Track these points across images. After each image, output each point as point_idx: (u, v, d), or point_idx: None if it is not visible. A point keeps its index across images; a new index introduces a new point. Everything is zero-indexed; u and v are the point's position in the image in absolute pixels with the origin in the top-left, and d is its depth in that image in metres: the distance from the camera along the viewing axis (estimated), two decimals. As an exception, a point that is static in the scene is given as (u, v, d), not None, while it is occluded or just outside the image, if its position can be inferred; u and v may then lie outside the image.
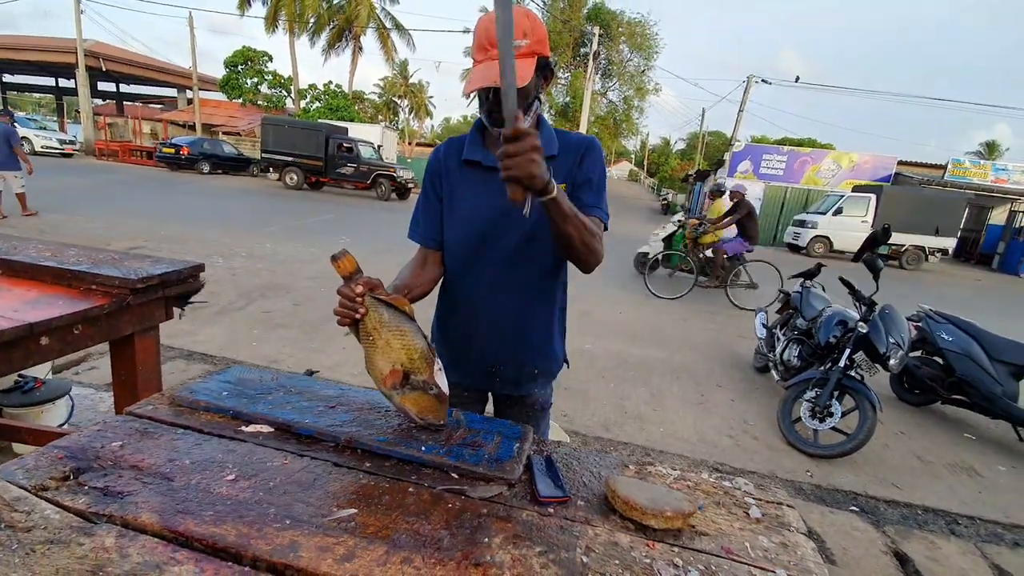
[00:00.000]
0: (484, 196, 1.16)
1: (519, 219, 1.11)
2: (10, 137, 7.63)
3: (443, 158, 1.22)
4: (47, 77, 30.36)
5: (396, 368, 0.93)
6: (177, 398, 1.02)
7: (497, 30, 0.82)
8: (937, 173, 18.34)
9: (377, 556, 0.65)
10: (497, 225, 1.17)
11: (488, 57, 1.02)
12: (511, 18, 0.81)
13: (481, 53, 1.04)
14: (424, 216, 1.26)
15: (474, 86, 1.02)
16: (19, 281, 1.47)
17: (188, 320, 4.12)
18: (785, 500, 0.88)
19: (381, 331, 0.94)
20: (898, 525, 2.56)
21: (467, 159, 1.18)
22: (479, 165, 1.17)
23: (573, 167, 1.18)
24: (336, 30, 27.60)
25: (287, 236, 8.40)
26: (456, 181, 1.20)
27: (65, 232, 6.95)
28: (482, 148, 1.18)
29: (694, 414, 3.54)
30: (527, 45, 1.03)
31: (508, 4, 0.82)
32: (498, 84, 0.91)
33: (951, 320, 3.76)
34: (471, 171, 1.19)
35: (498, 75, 0.86)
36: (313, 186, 17.69)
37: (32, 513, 0.68)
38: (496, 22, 0.82)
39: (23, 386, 2.15)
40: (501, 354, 1.26)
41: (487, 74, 0.99)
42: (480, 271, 1.22)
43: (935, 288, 11.27)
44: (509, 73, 0.82)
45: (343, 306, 0.94)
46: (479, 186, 1.17)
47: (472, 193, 1.19)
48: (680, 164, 43.02)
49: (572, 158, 1.18)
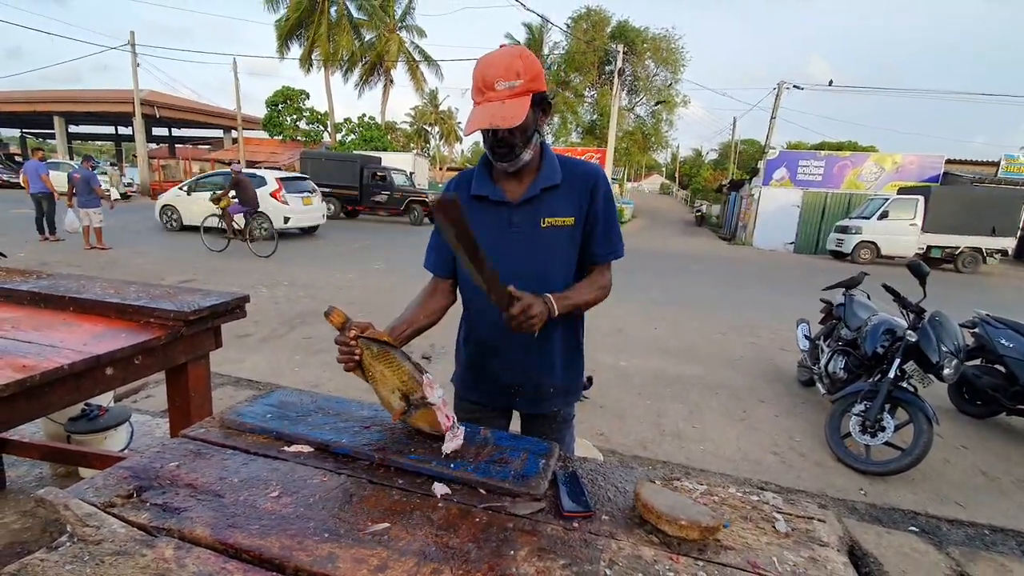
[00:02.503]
0: (494, 229, 1.21)
1: (529, 252, 1.21)
2: (91, 180, 8.99)
3: (454, 192, 1.26)
4: (107, 126, 32.89)
5: (396, 393, 1.05)
6: (226, 421, 1.09)
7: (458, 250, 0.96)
8: (989, 171, 17.37)
9: (408, 567, 0.69)
10: (507, 255, 1.19)
11: (486, 99, 1.08)
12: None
13: (479, 95, 1.09)
14: (436, 248, 1.32)
15: (474, 127, 1.08)
16: (87, 317, 1.61)
17: (235, 349, 4.34)
18: (816, 515, 0.87)
19: (376, 364, 1.06)
20: (963, 546, 2.40)
21: (475, 195, 1.23)
22: (487, 200, 1.22)
23: (583, 202, 1.21)
24: (368, 65, 28.84)
25: (326, 264, 8.72)
26: (467, 215, 1.24)
27: (124, 267, 7.44)
28: (489, 182, 1.23)
29: (736, 431, 3.43)
30: (521, 85, 1.07)
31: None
32: (497, 126, 1.06)
33: (1011, 325, 3.54)
34: (480, 205, 1.23)
35: (498, 116, 1.03)
36: (349, 215, 18.31)
37: (101, 528, 0.75)
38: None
39: (89, 414, 2.31)
40: (520, 376, 1.31)
41: (486, 115, 1.07)
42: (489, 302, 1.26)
43: (995, 292, 10.60)
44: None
45: (343, 352, 1.07)
46: (488, 219, 1.21)
47: (482, 226, 1.19)
48: (713, 174, 42.28)
49: (580, 190, 1.21)
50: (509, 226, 1.21)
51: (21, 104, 26.26)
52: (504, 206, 1.21)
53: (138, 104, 22.50)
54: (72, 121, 30.47)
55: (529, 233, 1.20)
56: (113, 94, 25.38)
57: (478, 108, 1.09)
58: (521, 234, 1.20)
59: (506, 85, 1.06)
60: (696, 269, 11.33)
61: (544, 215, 1.20)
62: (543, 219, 1.20)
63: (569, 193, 1.21)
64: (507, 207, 1.21)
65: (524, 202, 1.20)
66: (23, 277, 1.91)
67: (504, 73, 1.06)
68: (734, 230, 20.79)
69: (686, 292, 8.39)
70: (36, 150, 10.70)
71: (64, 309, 1.65)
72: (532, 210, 1.20)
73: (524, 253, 1.21)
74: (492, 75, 1.06)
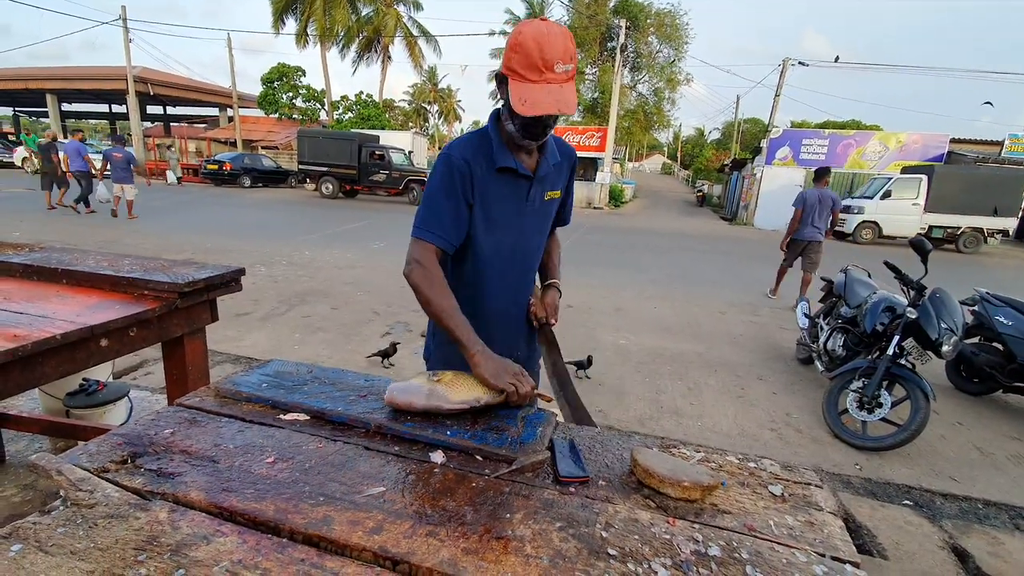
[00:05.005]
0: (515, 202, 1.22)
1: (536, 225, 1.27)
2: (130, 160, 10.27)
3: (470, 162, 1.17)
4: (101, 104, 32.39)
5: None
6: (222, 390, 1.08)
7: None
8: (993, 150, 17.20)
9: (404, 529, 0.68)
10: (525, 230, 1.26)
11: (545, 80, 1.03)
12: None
13: (535, 73, 1.03)
14: (449, 218, 1.17)
15: (541, 111, 1.03)
16: (81, 289, 1.59)
17: (234, 327, 4.34)
18: (814, 481, 0.87)
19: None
20: (956, 520, 2.43)
21: (502, 167, 1.18)
22: (515, 172, 1.19)
23: (566, 176, 1.34)
24: (365, 41, 28.27)
25: (324, 243, 8.68)
26: (488, 187, 1.19)
27: (120, 249, 7.40)
28: (512, 156, 1.18)
29: (734, 408, 3.45)
30: (573, 68, 1.05)
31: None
32: (564, 113, 1.03)
33: (1010, 303, 3.53)
34: (505, 177, 1.19)
35: (563, 102, 1.03)
36: (348, 194, 18.18)
37: (95, 492, 0.74)
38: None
39: (87, 388, 2.31)
40: (520, 346, 1.38)
41: (551, 100, 1.03)
42: (507, 274, 1.28)
43: (994, 271, 10.58)
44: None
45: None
46: (511, 192, 1.21)
47: (505, 199, 1.21)
48: (715, 154, 41.81)
49: (567, 166, 1.33)
50: (526, 200, 1.23)
51: (13, 81, 25.83)
52: (526, 180, 1.21)
53: (131, 81, 22.14)
54: (65, 99, 30.01)
55: (538, 207, 1.26)
56: (105, 71, 24.96)
57: (537, 88, 1.03)
58: (532, 207, 1.25)
59: (563, 69, 1.03)
60: (697, 249, 11.29)
61: (548, 189, 1.27)
62: (546, 193, 1.26)
63: (560, 169, 1.29)
64: (528, 181, 1.21)
65: (541, 177, 1.23)
66: (15, 250, 1.89)
67: (563, 55, 1.02)
68: (735, 210, 20.65)
69: (686, 271, 8.37)
70: (75, 131, 11.55)
71: (57, 282, 1.63)
72: (543, 184, 1.25)
73: (533, 227, 1.28)
74: (552, 56, 1.01)
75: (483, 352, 1.07)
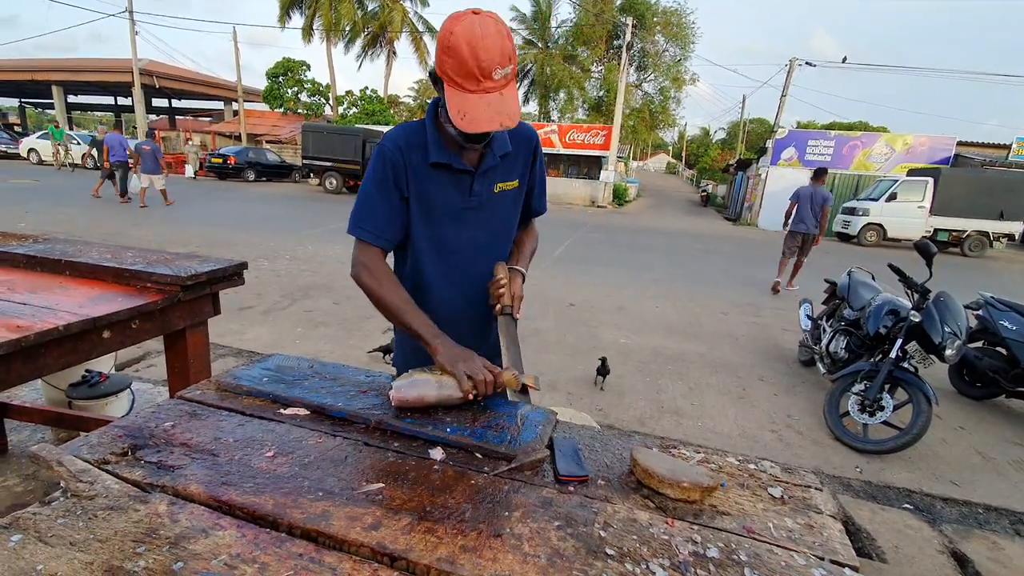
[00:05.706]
0: (455, 197, 1.16)
1: (486, 218, 1.20)
2: (156, 153, 11.04)
3: (404, 154, 1.12)
4: (106, 96, 32.45)
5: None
6: (222, 384, 1.09)
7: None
8: (1001, 153, 17.09)
9: (402, 526, 0.68)
10: (471, 223, 1.20)
11: (482, 90, 0.95)
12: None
13: (472, 83, 0.95)
14: (383, 214, 1.14)
15: (481, 128, 0.96)
16: (84, 281, 1.60)
17: (236, 321, 4.35)
18: (814, 483, 0.87)
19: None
20: (956, 524, 2.43)
21: (436, 162, 1.13)
22: (449, 167, 1.13)
23: (526, 164, 1.24)
24: (370, 36, 28.23)
25: (328, 238, 8.68)
26: (425, 180, 1.15)
27: (124, 241, 7.42)
28: (447, 151, 1.13)
29: (735, 408, 3.45)
30: (512, 69, 0.97)
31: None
32: (507, 127, 0.97)
33: (1014, 308, 3.51)
34: (439, 172, 1.14)
35: (505, 115, 0.96)
36: (352, 189, 18.18)
37: (95, 483, 0.75)
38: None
39: (89, 380, 2.32)
40: (472, 340, 1.25)
41: (492, 113, 0.96)
42: (451, 269, 1.22)
43: (999, 276, 10.53)
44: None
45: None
46: (450, 187, 1.16)
47: (450, 192, 1.17)
48: (720, 154, 41.66)
49: (524, 153, 1.23)
50: (470, 194, 1.17)
51: (19, 73, 25.88)
52: (466, 174, 1.15)
53: (137, 73, 22.17)
54: (71, 91, 30.08)
55: (486, 200, 1.19)
56: (112, 63, 24.99)
57: (476, 99, 0.95)
58: (479, 201, 1.18)
59: (502, 73, 0.95)
60: (700, 249, 11.27)
61: (497, 181, 1.19)
62: (496, 185, 1.19)
63: (515, 158, 1.21)
64: (468, 175, 1.15)
65: (486, 170, 1.16)
66: (19, 241, 1.89)
67: (501, 59, 0.93)
68: (739, 211, 20.59)
69: (689, 271, 8.36)
70: (117, 125, 12.42)
71: (60, 273, 1.64)
72: (489, 177, 1.18)
73: (482, 220, 1.21)
74: (489, 62, 0.93)
75: (444, 342, 1.05)
